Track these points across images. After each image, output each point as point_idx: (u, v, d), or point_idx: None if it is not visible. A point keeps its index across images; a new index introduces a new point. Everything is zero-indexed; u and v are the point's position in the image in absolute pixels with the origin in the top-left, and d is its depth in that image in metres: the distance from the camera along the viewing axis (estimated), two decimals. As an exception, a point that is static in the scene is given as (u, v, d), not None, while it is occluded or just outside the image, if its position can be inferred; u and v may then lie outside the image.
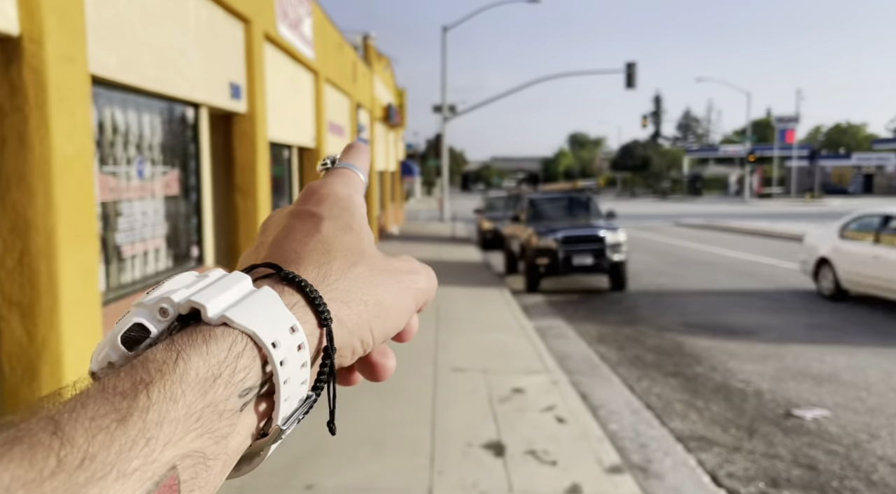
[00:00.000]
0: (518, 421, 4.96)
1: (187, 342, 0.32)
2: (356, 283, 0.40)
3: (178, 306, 0.33)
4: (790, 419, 5.39)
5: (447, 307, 9.61)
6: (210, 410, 0.30)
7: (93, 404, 0.28)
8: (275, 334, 0.34)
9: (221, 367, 0.32)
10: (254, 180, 7.65)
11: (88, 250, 3.76)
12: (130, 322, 0.33)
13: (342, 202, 0.44)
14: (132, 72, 4.79)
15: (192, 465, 0.29)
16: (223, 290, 0.34)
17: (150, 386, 0.29)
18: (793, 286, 11.93)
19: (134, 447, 0.27)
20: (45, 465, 0.25)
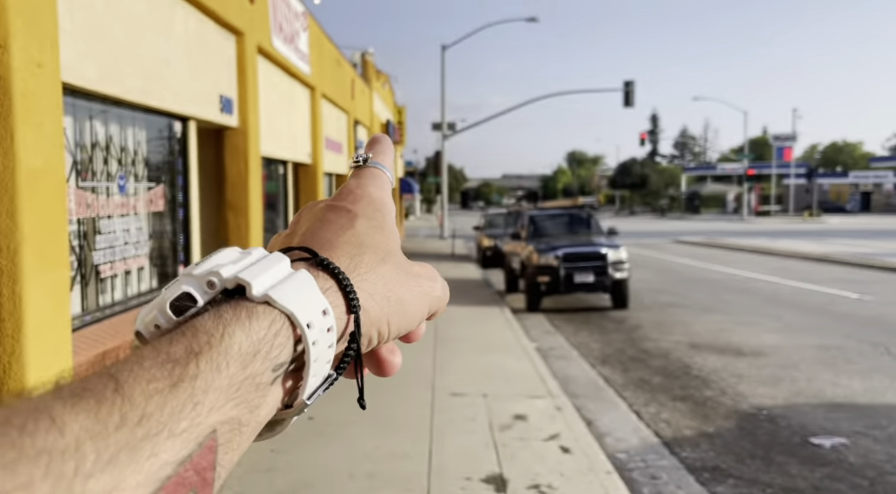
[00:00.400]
0: (520, 452, 4.67)
1: (232, 317, 0.34)
2: (382, 278, 0.42)
3: (226, 281, 0.35)
4: (808, 447, 5.10)
5: (446, 327, 9.32)
6: (248, 382, 0.33)
7: (149, 367, 0.30)
8: (310, 316, 0.36)
9: (261, 344, 0.34)
10: (246, 196, 7.40)
11: (58, 271, 3.49)
12: (179, 290, 0.35)
13: (376, 203, 0.47)
14: (113, 82, 4.55)
15: (228, 430, 0.32)
16: (265, 269, 0.36)
17: (199, 356, 0.31)
18: (799, 304, 11.65)
19: (184, 410, 0.29)
20: (109, 419, 0.27)
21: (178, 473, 0.28)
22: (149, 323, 0.35)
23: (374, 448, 4.66)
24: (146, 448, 0.27)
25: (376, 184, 0.49)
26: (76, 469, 0.25)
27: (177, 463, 0.29)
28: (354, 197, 0.47)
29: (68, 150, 4.31)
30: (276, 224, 10.07)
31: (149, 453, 0.28)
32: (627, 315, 11.11)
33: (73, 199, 4.28)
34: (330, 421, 5.20)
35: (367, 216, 0.45)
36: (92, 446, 0.26)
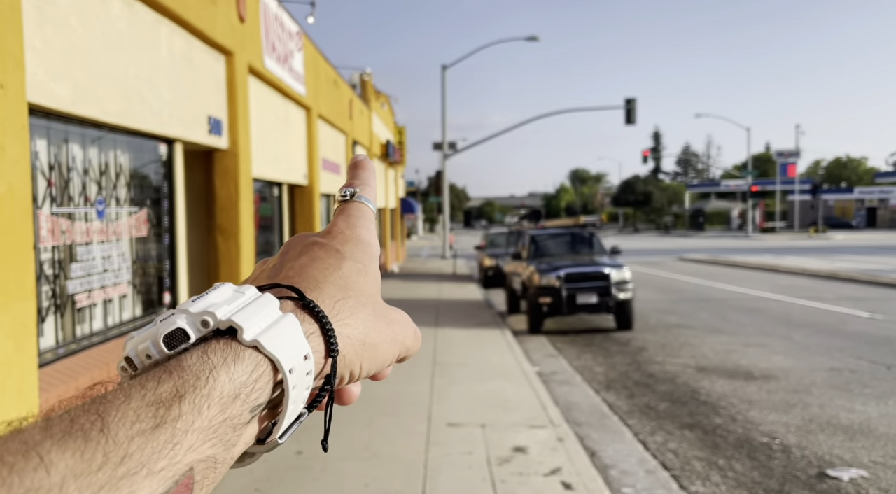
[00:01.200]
0: (519, 489, 4.40)
1: (219, 360, 0.35)
2: (362, 324, 0.44)
3: (220, 322, 0.37)
4: (825, 480, 4.81)
5: (445, 350, 9.06)
6: (226, 423, 0.34)
7: (136, 407, 0.32)
8: (292, 362, 0.37)
9: (242, 387, 0.35)
10: (236, 219, 7.20)
11: (22, 305, 3.27)
12: (174, 325, 0.36)
13: (363, 246, 0.48)
14: (90, 103, 4.36)
15: (204, 467, 0.33)
16: (256, 313, 0.38)
17: (183, 398, 0.33)
18: (809, 323, 11.37)
19: (163, 450, 0.31)
20: (93, 459, 0.29)
21: None
22: (140, 352, 0.36)
23: (364, 486, 4.40)
24: (125, 486, 0.29)
25: (364, 225, 0.51)
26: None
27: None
28: (344, 237, 0.49)
29: (42, 175, 4.11)
30: (272, 246, 9.87)
31: (127, 491, 0.29)
32: (632, 336, 10.83)
33: (45, 226, 4.08)
34: (318, 456, 4.94)
35: (355, 259, 0.47)
36: (75, 484, 0.28)
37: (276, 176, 9.32)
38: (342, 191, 0.53)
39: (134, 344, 0.37)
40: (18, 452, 0.27)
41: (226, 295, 0.39)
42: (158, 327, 0.36)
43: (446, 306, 14.00)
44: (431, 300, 15.07)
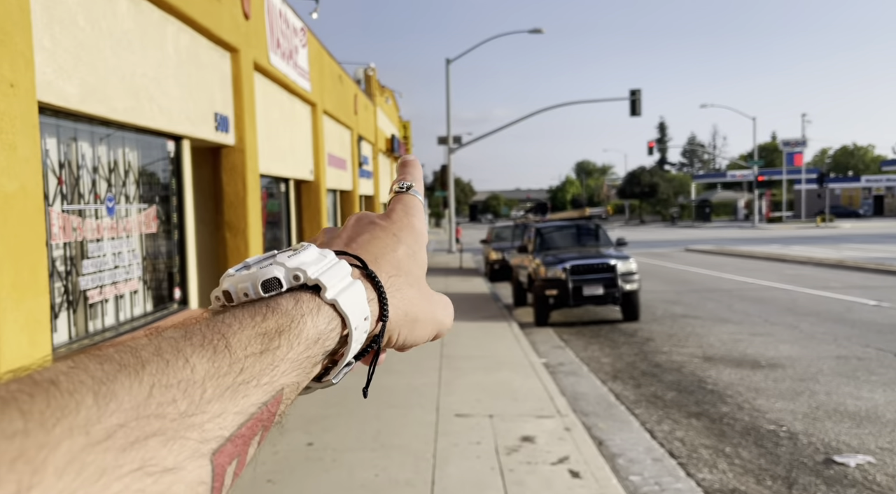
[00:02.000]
0: (528, 477, 4.45)
1: (308, 309, 0.43)
2: (407, 300, 0.52)
3: (309, 279, 0.44)
4: (832, 466, 4.85)
5: (452, 343, 9.11)
6: (308, 360, 0.42)
7: (249, 335, 0.39)
8: (357, 321, 0.45)
9: (321, 334, 0.43)
10: (244, 215, 7.25)
11: (35, 301, 3.33)
12: (272, 274, 0.43)
13: (415, 234, 0.56)
14: (98, 102, 4.41)
15: (290, 389, 0.41)
16: (335, 275, 0.46)
17: (282, 334, 0.41)
18: (816, 312, 11.37)
19: (266, 369, 0.39)
20: (221, 366, 0.36)
21: (259, 412, 0.38)
22: (240, 289, 0.43)
23: (374, 476, 4.45)
24: (242, 390, 0.37)
25: (417, 215, 0.58)
26: (201, 396, 0.34)
27: (259, 405, 0.38)
28: (401, 225, 0.55)
29: (53, 173, 4.17)
30: (279, 242, 9.93)
31: (243, 394, 0.37)
32: (638, 327, 10.86)
33: (56, 223, 4.13)
34: (330, 447, 5.00)
35: (407, 244, 0.54)
36: (210, 383, 0.35)
37: (282, 172, 9.37)
38: (399, 184, 0.60)
39: (233, 282, 0.44)
40: (171, 352, 0.35)
41: (313, 256, 0.46)
42: (258, 273, 0.44)
43: (453, 299, 13.85)
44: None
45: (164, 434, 0.31)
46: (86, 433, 0.28)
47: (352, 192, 15.34)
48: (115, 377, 0.32)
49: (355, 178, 15.53)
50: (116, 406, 0.30)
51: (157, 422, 0.31)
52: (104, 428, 0.29)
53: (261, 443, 0.40)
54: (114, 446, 0.29)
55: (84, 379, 0.31)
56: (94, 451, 0.28)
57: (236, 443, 0.36)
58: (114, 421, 0.30)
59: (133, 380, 0.32)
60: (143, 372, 0.33)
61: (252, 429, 0.38)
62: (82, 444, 0.28)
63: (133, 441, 0.30)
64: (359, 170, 16.08)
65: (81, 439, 0.28)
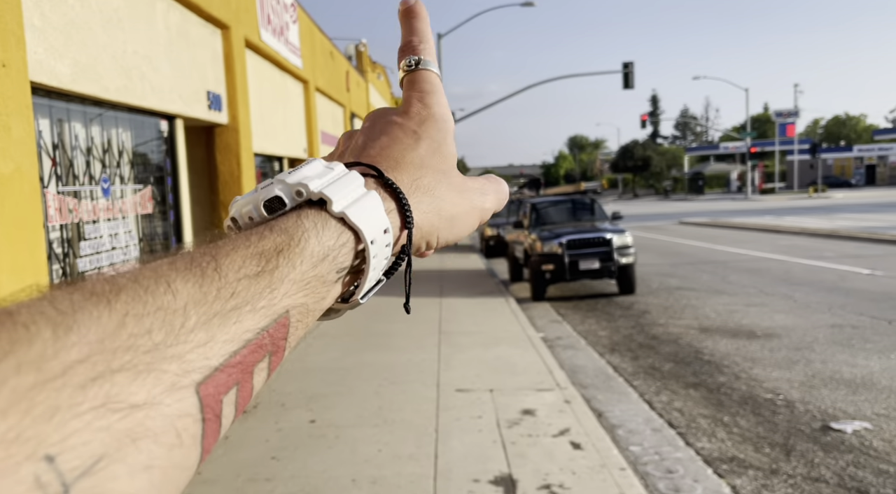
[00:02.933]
0: (529, 449, 4.49)
1: (311, 225, 0.40)
2: (437, 199, 0.49)
3: (312, 194, 0.41)
4: (829, 433, 4.91)
5: (450, 319, 9.14)
6: (316, 279, 0.40)
7: (242, 256, 0.37)
8: (373, 233, 0.43)
9: (329, 250, 0.41)
10: (240, 194, 7.21)
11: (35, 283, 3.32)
12: (273, 193, 0.41)
13: (439, 124, 0.52)
14: (90, 81, 4.36)
15: (298, 312, 0.39)
16: (345, 187, 0.43)
17: (280, 254, 0.38)
18: (810, 282, 11.44)
19: (263, 292, 0.36)
20: (208, 291, 0.34)
21: (257, 338, 0.36)
22: (244, 214, 0.42)
23: (377, 451, 4.49)
24: (233, 316, 0.34)
25: (437, 99, 0.53)
26: (182, 324, 0.32)
27: (256, 331, 0.36)
28: (421, 118, 0.51)
29: (46, 154, 4.13)
30: (274, 221, 9.92)
31: (235, 320, 0.34)
32: (634, 300, 10.92)
33: (52, 205, 4.11)
34: (332, 424, 5.03)
35: (430, 138, 0.51)
36: (195, 310, 0.33)
37: (276, 150, 9.31)
38: (407, 60, 0.54)
39: (238, 207, 0.42)
40: (151, 278, 0.33)
41: (317, 169, 0.43)
42: (259, 194, 0.42)
43: (449, 276, 14.07)
44: (434, 270, 15.14)
45: (135, 367, 0.29)
46: (36, 369, 0.26)
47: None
48: (82, 307, 0.29)
49: (349, 156, 15.49)
50: (78, 338, 0.28)
51: (127, 355, 0.29)
52: (60, 363, 0.27)
53: (272, 371, 0.38)
54: (70, 382, 0.27)
55: (46, 309, 0.28)
56: (46, 389, 0.26)
57: (230, 373, 0.34)
58: (73, 356, 0.27)
59: (102, 310, 0.29)
60: (115, 301, 0.30)
61: (252, 356, 0.35)
62: (31, 382, 0.26)
63: (95, 376, 0.27)
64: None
65: (31, 376, 0.26)
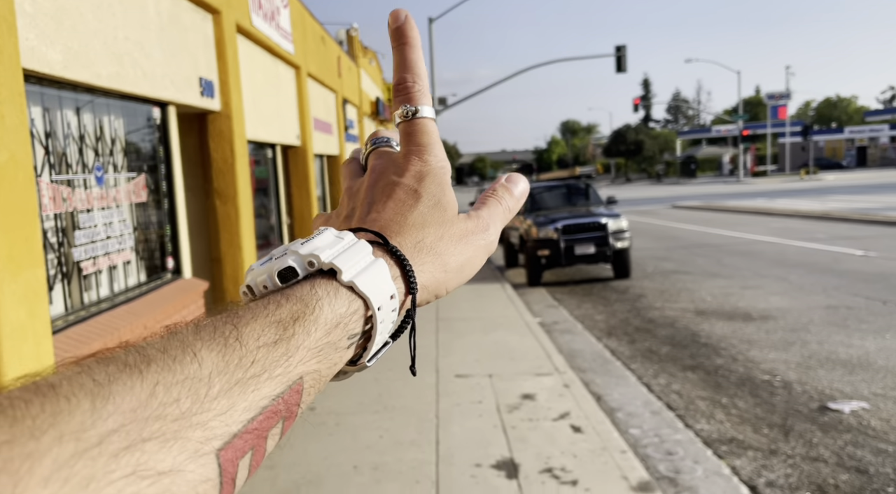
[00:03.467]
0: (530, 433, 4.50)
1: (324, 294, 0.42)
2: (441, 256, 0.50)
3: (323, 264, 0.43)
4: (826, 413, 4.94)
5: (447, 306, 9.14)
6: (329, 346, 0.41)
7: (261, 325, 0.39)
8: (380, 300, 0.44)
9: (341, 318, 0.42)
10: (233, 183, 7.15)
11: (32, 272, 3.28)
12: (286, 264, 0.43)
13: (437, 178, 0.53)
14: (82, 67, 4.29)
15: (311, 378, 0.40)
16: (353, 257, 0.44)
17: (296, 322, 0.40)
18: (804, 264, 11.48)
19: (280, 360, 0.38)
20: (231, 360, 0.36)
21: (273, 404, 0.37)
22: (259, 283, 0.43)
23: (378, 437, 4.49)
24: (252, 383, 0.36)
25: (433, 150, 0.54)
26: (207, 392, 0.34)
27: (272, 398, 0.37)
28: (420, 175, 0.53)
29: (39, 142, 4.07)
30: (268, 209, 9.84)
31: (253, 387, 0.36)
32: (630, 284, 10.94)
33: (46, 194, 4.05)
34: (332, 411, 5.03)
35: (430, 194, 0.52)
36: (218, 378, 0.35)
37: (269, 137, 9.24)
38: (403, 110, 0.54)
39: (253, 276, 0.44)
40: (178, 348, 0.35)
41: (328, 240, 0.45)
42: (273, 264, 0.43)
43: (444, 262, 14.05)
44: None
45: (163, 435, 0.31)
46: (76, 439, 0.28)
47: (339, 157, 15.18)
48: (117, 378, 0.31)
49: (342, 143, 15.35)
50: (114, 408, 0.30)
51: (157, 424, 0.31)
52: (97, 434, 0.29)
53: (283, 434, 0.39)
54: (106, 451, 0.29)
55: (85, 381, 0.30)
56: (84, 458, 0.28)
57: (247, 439, 0.35)
58: (109, 425, 0.29)
59: (135, 380, 0.32)
60: (146, 371, 0.33)
61: (267, 422, 0.37)
62: (71, 452, 0.28)
63: (128, 445, 0.29)
64: (345, 134, 15.89)
65: (70, 446, 0.28)
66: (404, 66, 0.55)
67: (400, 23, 0.55)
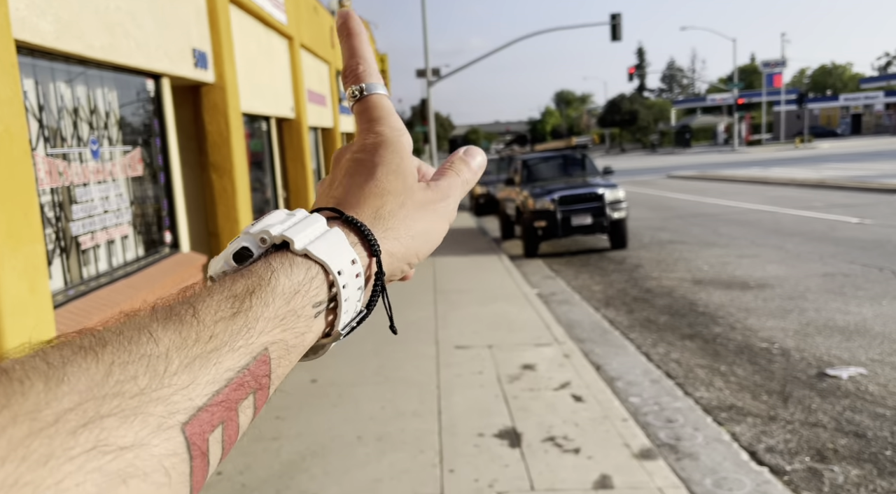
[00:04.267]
0: (532, 403, 4.53)
1: (278, 264, 0.42)
2: (404, 221, 0.51)
3: (274, 238, 0.44)
4: (825, 379, 4.98)
5: (445, 278, 9.15)
6: (292, 314, 0.41)
7: (217, 300, 0.39)
8: (340, 265, 0.44)
9: (300, 285, 0.42)
10: (229, 156, 7.10)
11: (31, 247, 3.25)
12: (239, 245, 0.44)
13: (392, 147, 0.53)
14: (74, 38, 4.22)
15: (278, 349, 0.40)
16: (306, 228, 0.45)
17: (252, 294, 0.40)
18: (800, 232, 11.51)
19: (240, 332, 0.38)
20: (188, 336, 0.36)
21: (238, 377, 0.37)
22: (218, 271, 0.43)
23: (380, 408, 4.51)
24: (213, 357, 0.36)
25: (388, 123, 0.54)
26: (166, 368, 0.34)
27: (237, 370, 0.37)
28: (374, 146, 0.53)
29: (33, 115, 4.01)
30: (263, 183, 9.78)
31: (215, 361, 0.36)
32: (627, 254, 10.96)
33: (42, 168, 4.01)
34: (334, 383, 5.05)
35: (385, 162, 0.52)
36: (176, 354, 0.35)
37: (263, 110, 9.15)
38: (351, 90, 0.56)
39: (213, 265, 0.44)
40: (134, 329, 0.35)
41: (279, 217, 0.46)
42: (228, 249, 0.44)
43: (441, 234, 14.03)
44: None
45: (122, 411, 0.31)
46: (31, 419, 0.28)
47: (333, 130, 15.06)
48: (71, 360, 0.32)
49: (336, 115, 15.22)
50: (69, 388, 0.30)
51: (115, 401, 0.31)
52: (52, 413, 0.29)
53: (258, 408, 0.39)
54: (63, 429, 0.29)
55: (38, 364, 0.31)
56: (40, 436, 0.28)
57: (214, 411, 0.36)
58: (65, 405, 0.30)
59: (90, 361, 0.32)
60: (101, 353, 0.33)
61: (234, 394, 0.37)
62: (26, 431, 0.28)
63: (85, 422, 0.30)
64: (339, 106, 15.74)
65: (25, 426, 0.28)
66: (350, 54, 0.57)
67: (345, 18, 0.58)
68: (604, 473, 3.51)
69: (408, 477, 3.54)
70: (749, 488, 3.50)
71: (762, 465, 3.80)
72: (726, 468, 3.75)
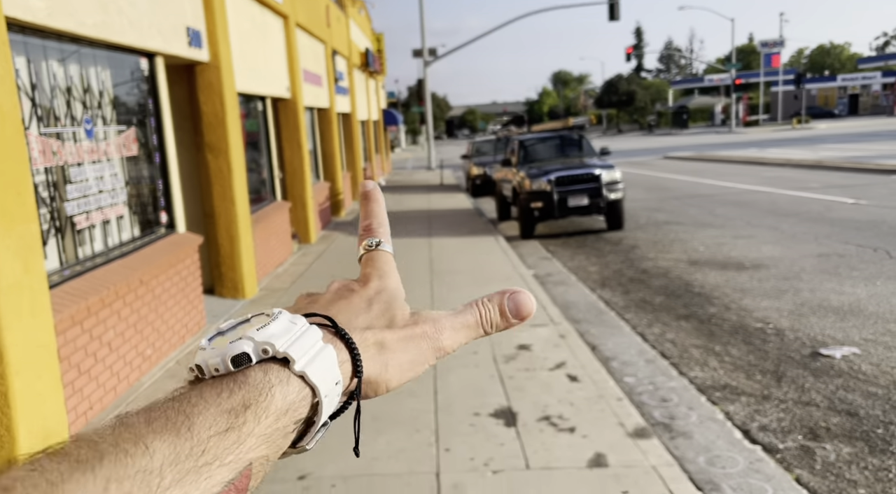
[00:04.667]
0: (527, 383, 4.56)
1: (276, 381, 0.43)
2: (385, 352, 0.51)
3: (277, 353, 0.44)
4: (818, 359, 5.02)
5: (441, 259, 9.16)
6: (278, 432, 0.43)
7: (213, 413, 0.40)
8: (327, 389, 0.46)
9: (291, 405, 0.44)
10: (224, 136, 7.05)
11: (25, 226, 3.24)
12: (241, 350, 0.44)
13: (391, 294, 0.56)
14: (67, 15, 4.17)
15: (259, 463, 0.42)
16: (304, 343, 0.46)
17: (248, 409, 0.41)
18: (796, 213, 11.53)
19: (231, 447, 0.39)
20: (182, 450, 0.37)
21: (225, 489, 0.39)
22: (210, 365, 0.44)
23: (377, 387, 4.54)
24: (205, 472, 0.37)
25: (391, 274, 0.58)
26: (159, 484, 0.35)
27: (223, 484, 0.39)
28: (377, 291, 0.56)
29: (25, 94, 3.98)
30: (259, 163, 9.73)
31: (206, 476, 0.38)
32: (623, 235, 10.97)
33: (35, 147, 3.98)
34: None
35: (382, 303, 0.55)
36: (170, 469, 0.36)
37: (259, 89, 9.08)
38: (368, 241, 0.61)
39: (204, 357, 0.44)
40: (130, 441, 0.36)
41: (283, 326, 0.46)
42: (227, 348, 0.44)
43: (437, 216, 14.02)
44: (422, 211, 15.08)
45: None
46: None
47: (329, 110, 14.97)
48: (69, 476, 0.33)
49: (332, 95, 15.12)
50: None
51: None
52: None
53: None
54: None
55: (38, 482, 0.32)
56: None
57: None
58: None
59: (88, 477, 0.33)
60: (98, 467, 0.34)
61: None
62: None
63: None
64: (335, 86, 15.63)
65: None
66: (370, 216, 0.63)
67: (368, 188, 0.64)
68: (598, 451, 3.54)
69: (404, 456, 3.57)
70: (742, 466, 3.54)
71: (755, 443, 3.84)
72: (720, 446, 3.79)
